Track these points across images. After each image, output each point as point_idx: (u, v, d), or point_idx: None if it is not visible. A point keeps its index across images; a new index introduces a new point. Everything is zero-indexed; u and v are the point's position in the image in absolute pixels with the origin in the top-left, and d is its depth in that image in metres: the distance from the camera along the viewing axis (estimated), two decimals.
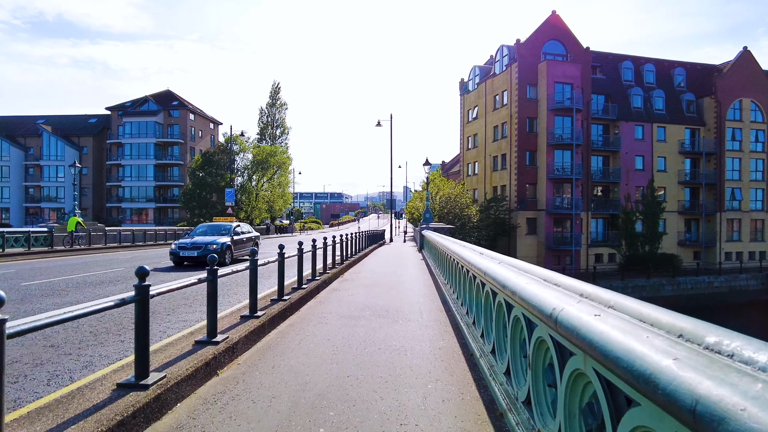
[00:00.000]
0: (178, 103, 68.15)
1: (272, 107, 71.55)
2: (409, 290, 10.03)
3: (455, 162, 67.26)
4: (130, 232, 29.45)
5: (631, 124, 43.50)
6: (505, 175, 42.73)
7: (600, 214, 42.73)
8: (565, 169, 40.44)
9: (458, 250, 6.88)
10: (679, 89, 46.53)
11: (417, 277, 12.77)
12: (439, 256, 11.96)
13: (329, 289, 10.11)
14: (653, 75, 46.20)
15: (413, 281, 11.68)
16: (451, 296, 7.98)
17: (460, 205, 36.00)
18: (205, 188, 53.68)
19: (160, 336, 5.55)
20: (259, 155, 56.49)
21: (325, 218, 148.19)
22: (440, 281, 10.34)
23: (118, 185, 67.49)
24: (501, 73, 44.04)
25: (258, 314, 6.12)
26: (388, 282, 11.41)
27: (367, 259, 19.81)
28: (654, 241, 43.51)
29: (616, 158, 43.24)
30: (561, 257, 40.55)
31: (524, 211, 40.69)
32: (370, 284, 10.94)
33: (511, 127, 41.82)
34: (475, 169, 49.38)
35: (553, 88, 40.31)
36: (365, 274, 13.33)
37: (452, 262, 8.40)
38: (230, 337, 5.06)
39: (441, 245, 10.65)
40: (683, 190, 45.13)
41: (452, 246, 8.01)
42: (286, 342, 5.61)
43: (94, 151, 69.18)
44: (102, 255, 21.28)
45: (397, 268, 15.45)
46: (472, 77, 50.54)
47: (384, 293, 9.55)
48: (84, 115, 73.50)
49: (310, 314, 7.30)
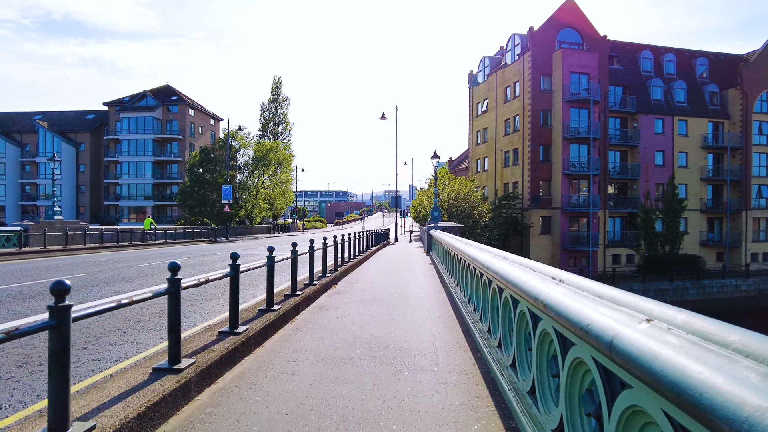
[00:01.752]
0: (177, 98, 66.15)
1: (274, 102, 69.64)
2: (418, 311, 7.78)
3: (463, 158, 64.77)
4: (114, 231, 27.38)
5: (650, 117, 40.95)
6: (517, 171, 40.31)
7: (617, 212, 40.23)
8: (582, 165, 37.97)
9: (488, 261, 4.65)
10: (702, 80, 43.89)
11: (426, 288, 10.52)
12: (453, 263, 9.73)
13: (314, 308, 7.88)
14: (674, 65, 43.59)
15: (422, 295, 9.42)
16: (477, 323, 5.75)
17: (470, 202, 33.60)
18: (203, 186, 51.58)
19: None
20: (260, 151, 54.32)
21: (329, 217, 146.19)
22: (457, 297, 8.11)
23: (115, 183, 65.60)
24: (513, 63, 41.60)
25: (182, 366, 3.89)
26: (390, 297, 9.16)
27: (368, 262, 17.57)
28: (675, 241, 41.07)
29: (634, 153, 40.72)
30: (577, 258, 38.11)
31: (538, 209, 38.27)
32: (368, 300, 8.69)
33: (523, 120, 39.39)
34: (485, 165, 46.98)
35: (568, 79, 37.84)
36: (363, 284, 11.09)
37: (474, 274, 6.25)
38: None
39: (456, 249, 8.43)
40: (706, 187, 42.50)
41: (476, 254, 5.77)
42: (215, 424, 3.39)
43: (92, 147, 67.35)
44: (78, 256, 19.20)
45: (402, 275, 13.20)
46: (481, 68, 48.10)
47: (384, 315, 7.31)
48: (82, 111, 71.71)
49: (274, 355, 5.07)
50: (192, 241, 34.08)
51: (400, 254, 22.71)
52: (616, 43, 42.87)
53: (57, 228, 23.31)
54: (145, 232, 29.76)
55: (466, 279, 7.21)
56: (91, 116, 70.02)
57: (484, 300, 5.22)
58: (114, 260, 17.59)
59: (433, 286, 10.86)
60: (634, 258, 40.26)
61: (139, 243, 28.08)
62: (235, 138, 54.07)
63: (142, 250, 24.32)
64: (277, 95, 69.58)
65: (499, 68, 44.08)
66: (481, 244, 7.69)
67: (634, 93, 40.96)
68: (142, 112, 64.30)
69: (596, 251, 38.30)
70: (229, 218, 48.54)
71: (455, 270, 9.35)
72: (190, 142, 66.12)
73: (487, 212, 33.09)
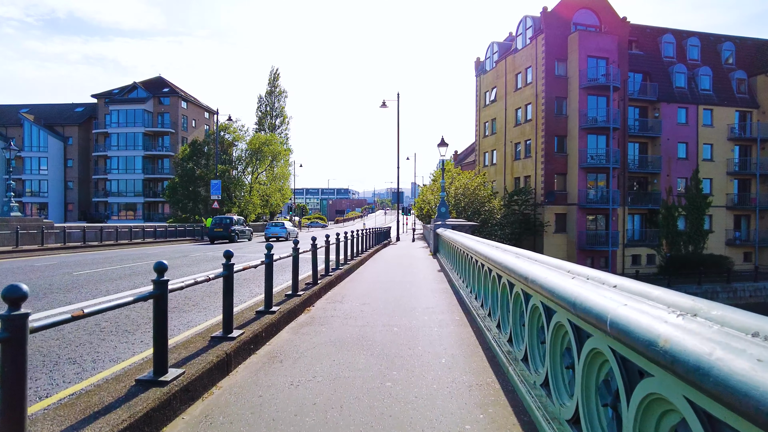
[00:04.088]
0: (169, 90, 63.12)
1: (271, 95, 66.72)
2: (433, 365, 4.77)
3: (469, 152, 61.55)
4: (80, 229, 24.42)
5: (673, 106, 37.79)
6: (530, 164, 37.22)
7: (636, 209, 37.13)
8: (600, 157, 34.87)
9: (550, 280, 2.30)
10: (728, 66, 40.68)
11: (439, 312, 7.52)
12: (474, 273, 6.78)
13: (260, 359, 4.88)
14: (698, 50, 40.38)
15: (436, 329, 6.41)
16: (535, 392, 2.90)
17: (480, 198, 30.47)
18: (194, 181, 48.58)
19: None
20: (253, 144, 51.30)
21: (330, 214, 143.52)
22: (484, 327, 5.13)
23: (104, 178, 62.62)
24: (524, 47, 38.45)
25: None
26: (387, 332, 6.15)
27: (363, 269, 14.57)
28: (699, 240, 38.00)
29: (655, 145, 37.59)
30: (595, 259, 35.03)
31: (552, 205, 35.18)
32: (352, 340, 5.68)
33: (536, 108, 36.28)
34: (493, 158, 43.88)
35: (585, 63, 34.73)
36: (351, 304, 8.08)
37: (521, 302, 3.72)
38: None
39: (482, 256, 5.47)
40: (732, 182, 39.34)
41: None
42: None
43: (80, 141, 64.41)
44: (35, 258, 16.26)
45: (404, 289, 10.19)
46: (489, 55, 44.94)
47: (377, 377, 4.34)
48: (71, 103, 68.81)
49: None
50: (175, 241, 31.13)
51: (402, 257, 19.71)
52: (635, 26, 39.66)
53: (12, 226, 20.37)
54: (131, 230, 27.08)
55: (502, 302, 4.40)
56: (80, 109, 67.09)
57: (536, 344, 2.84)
58: (61, 264, 14.66)
59: (449, 308, 7.84)
60: (655, 258, 37.20)
61: (112, 243, 25.14)
62: (228, 131, 51.07)
63: (104, 251, 21.36)
64: (275, 87, 66.64)
65: (509, 53, 40.94)
66: (520, 249, 4.79)
67: (654, 80, 37.82)
68: (132, 104, 61.30)
69: (615, 252, 35.23)
70: (215, 216, 45.58)
71: (477, 282, 6.38)
72: (182, 136, 63.11)
73: (498, 208, 29.95)
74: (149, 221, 57.36)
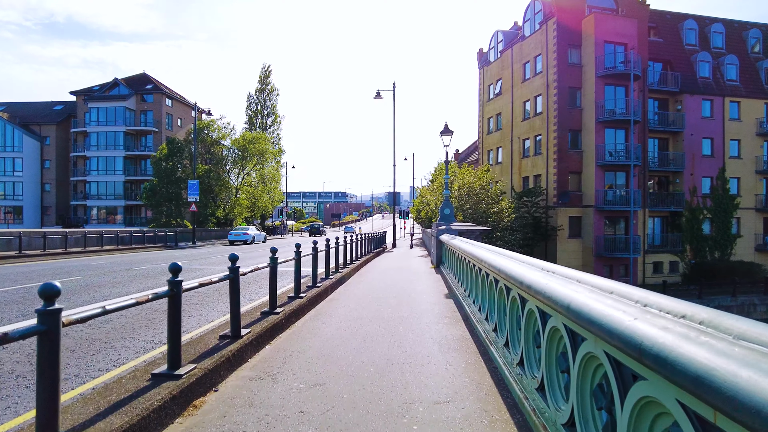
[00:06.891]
0: (152, 87, 59.48)
1: (262, 93, 63.51)
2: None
3: (472, 150, 57.91)
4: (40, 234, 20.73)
5: (697, 98, 34.29)
6: (540, 161, 33.64)
7: (657, 211, 33.57)
8: (619, 153, 31.33)
9: None
10: (755, 55, 37.23)
11: (458, 386, 3.87)
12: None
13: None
14: (722, 38, 36.93)
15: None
16: None
17: (486, 199, 26.82)
18: (174, 183, 44.90)
19: None
20: (238, 143, 47.68)
21: (327, 218, 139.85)
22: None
23: (83, 180, 58.81)
24: (532, 34, 34.94)
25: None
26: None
27: (345, 289, 10.93)
28: (726, 245, 34.46)
29: (677, 141, 34.06)
30: (614, 266, 31.40)
31: (566, 207, 31.58)
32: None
33: (547, 100, 32.73)
34: (499, 156, 40.29)
35: (602, 50, 31.21)
36: (311, 368, 4.42)
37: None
38: None
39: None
40: (761, 182, 35.84)
41: None
42: None
43: (59, 141, 60.67)
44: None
45: (396, 332, 6.54)
46: (493, 45, 41.42)
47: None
48: (49, 101, 65.16)
49: None
50: (143, 248, 27.45)
51: (396, 271, 16.05)
52: (654, 11, 36.18)
53: None
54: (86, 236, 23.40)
55: None
56: (59, 107, 63.42)
57: None
58: None
59: (478, 395, 4.18)
60: (678, 266, 33.62)
61: (59, 251, 21.44)
62: (211, 128, 47.49)
63: (41, 262, 17.66)
64: (266, 85, 63.35)
65: (516, 42, 37.42)
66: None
67: (676, 69, 34.36)
68: (113, 102, 57.61)
69: (637, 259, 31.62)
70: (198, 219, 41.97)
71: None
72: (167, 135, 59.19)
73: (509, 211, 26.29)
74: (131, 225, 53.63)
